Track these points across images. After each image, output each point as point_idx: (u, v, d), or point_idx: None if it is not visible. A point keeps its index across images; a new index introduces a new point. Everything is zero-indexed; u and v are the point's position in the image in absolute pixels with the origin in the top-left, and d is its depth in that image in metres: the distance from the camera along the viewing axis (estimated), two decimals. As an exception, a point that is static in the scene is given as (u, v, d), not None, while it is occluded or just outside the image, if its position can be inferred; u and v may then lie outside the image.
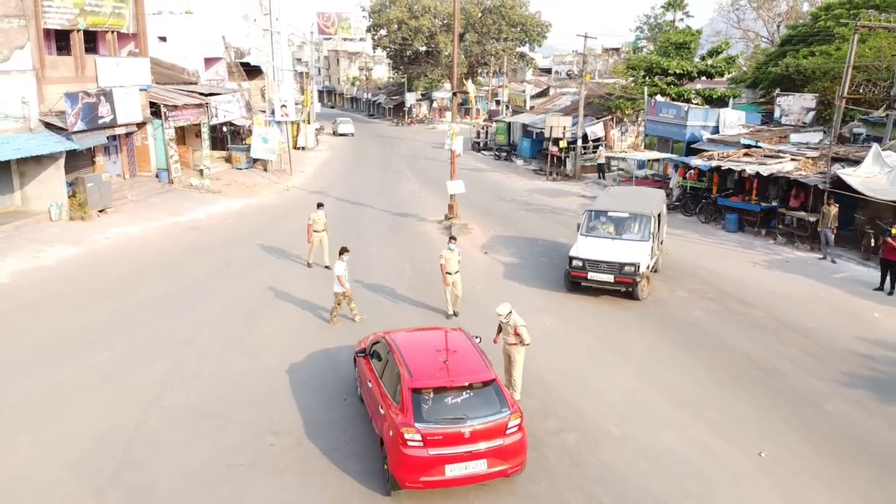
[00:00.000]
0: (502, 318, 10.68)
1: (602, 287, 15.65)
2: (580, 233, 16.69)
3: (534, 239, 21.78)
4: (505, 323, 10.69)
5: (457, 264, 14.22)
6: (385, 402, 8.68)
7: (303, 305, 15.07)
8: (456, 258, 14.22)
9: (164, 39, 33.42)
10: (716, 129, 29.67)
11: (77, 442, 9.45)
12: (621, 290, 15.56)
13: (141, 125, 26.85)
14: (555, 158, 37.16)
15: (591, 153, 37.72)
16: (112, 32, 25.42)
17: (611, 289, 15.65)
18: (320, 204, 18.25)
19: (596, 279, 15.52)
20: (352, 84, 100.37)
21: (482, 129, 52.75)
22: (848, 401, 11.10)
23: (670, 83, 36.95)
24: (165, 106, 27.69)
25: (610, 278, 15.38)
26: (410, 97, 76.68)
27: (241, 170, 34.66)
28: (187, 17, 34.42)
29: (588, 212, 17.20)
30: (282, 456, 9.25)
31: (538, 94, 60.61)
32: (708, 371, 12.16)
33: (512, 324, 10.57)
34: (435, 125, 70.12)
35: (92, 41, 25.26)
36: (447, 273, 14.17)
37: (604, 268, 15.40)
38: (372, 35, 77.40)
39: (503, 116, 54.18)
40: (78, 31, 23.35)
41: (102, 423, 9.93)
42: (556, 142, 36.59)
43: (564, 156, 37.18)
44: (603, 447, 9.60)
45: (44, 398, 10.65)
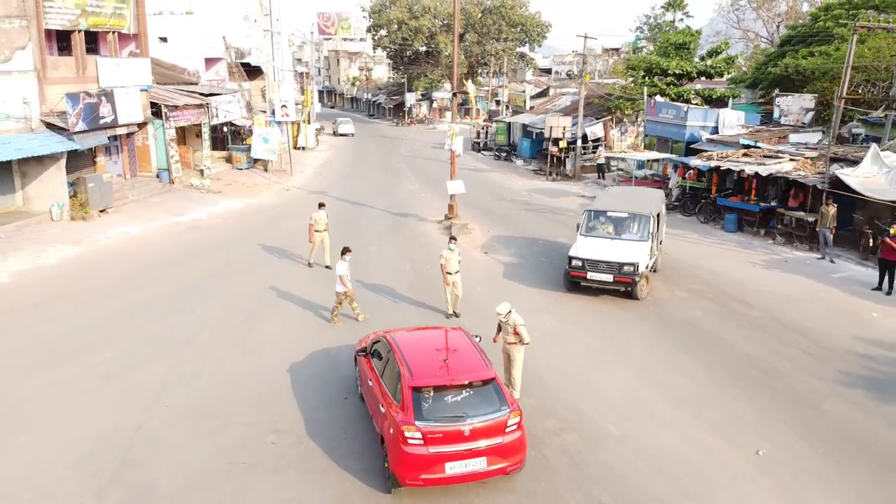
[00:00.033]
0: (502, 318, 10.73)
1: (601, 287, 15.70)
2: (579, 233, 16.74)
3: (533, 239, 21.82)
4: (504, 322, 10.74)
5: (457, 264, 14.27)
6: (386, 401, 8.73)
7: (303, 305, 15.12)
8: (456, 258, 14.26)
9: (164, 40, 33.47)
10: (715, 130, 29.72)
11: (78, 442, 9.48)
12: (620, 289, 15.61)
13: (142, 125, 26.92)
14: (554, 158, 37.22)
15: (591, 153, 37.80)
16: (113, 33, 25.47)
17: (610, 288, 15.70)
18: (322, 204, 18.31)
19: (595, 279, 15.57)
20: (352, 84, 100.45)
21: (482, 129, 52.76)
22: (846, 400, 11.14)
23: (670, 83, 36.98)
24: (166, 106, 27.75)
25: (609, 278, 15.43)
26: (410, 97, 76.73)
27: (241, 170, 34.74)
28: (188, 17, 34.46)
29: (587, 212, 17.25)
30: (283, 454, 9.30)
31: (538, 94, 60.66)
32: (707, 371, 12.20)
33: (511, 323, 10.61)
34: (435, 125, 70.15)
35: (93, 42, 25.32)
36: (447, 273, 14.22)
37: (603, 267, 15.45)
38: (372, 35, 77.51)
39: (503, 116, 54.21)
40: (79, 31, 23.40)
41: (103, 422, 9.97)
42: (556, 142, 36.65)
43: (564, 156, 37.24)
44: (602, 447, 9.64)
45: (45, 398, 10.68)
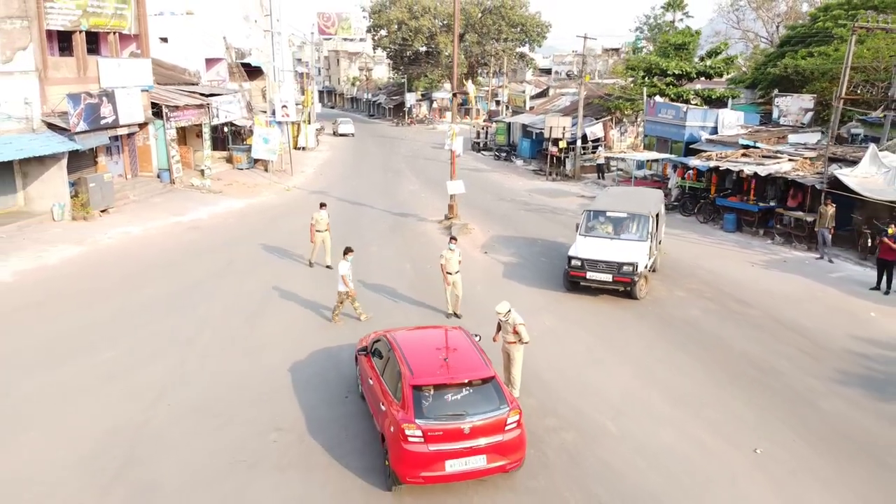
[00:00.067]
0: (501, 317, 10.79)
1: (601, 286, 15.77)
2: (579, 233, 16.82)
3: (533, 239, 21.89)
4: (504, 321, 10.80)
5: (457, 264, 14.33)
6: (386, 399, 8.80)
7: (305, 305, 15.19)
8: (456, 258, 14.32)
9: (165, 40, 33.54)
10: (714, 130, 29.78)
11: (81, 440, 9.54)
12: (620, 289, 15.68)
13: (143, 126, 26.99)
14: (554, 159, 37.30)
15: (591, 153, 37.87)
16: (114, 33, 25.54)
17: (609, 288, 15.77)
18: (323, 204, 18.39)
19: (594, 279, 15.64)
20: (352, 84, 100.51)
21: (482, 129, 52.81)
22: (844, 399, 11.21)
23: (669, 84, 37.04)
24: (167, 106, 27.82)
25: (608, 278, 15.50)
26: (410, 97, 76.77)
27: (242, 170, 34.83)
28: (188, 18, 34.51)
29: (587, 212, 17.33)
30: (284, 452, 9.37)
31: (538, 94, 60.72)
32: (705, 370, 12.27)
33: (511, 322, 10.67)
34: (435, 125, 70.19)
35: (94, 42, 25.41)
36: (447, 273, 14.29)
37: (602, 267, 15.52)
38: (372, 35, 77.59)
39: (503, 117, 54.28)
40: (80, 32, 23.47)
41: (106, 421, 10.03)
42: (556, 142, 36.72)
43: (564, 156, 37.32)
44: (601, 445, 9.70)
45: (47, 397, 10.74)
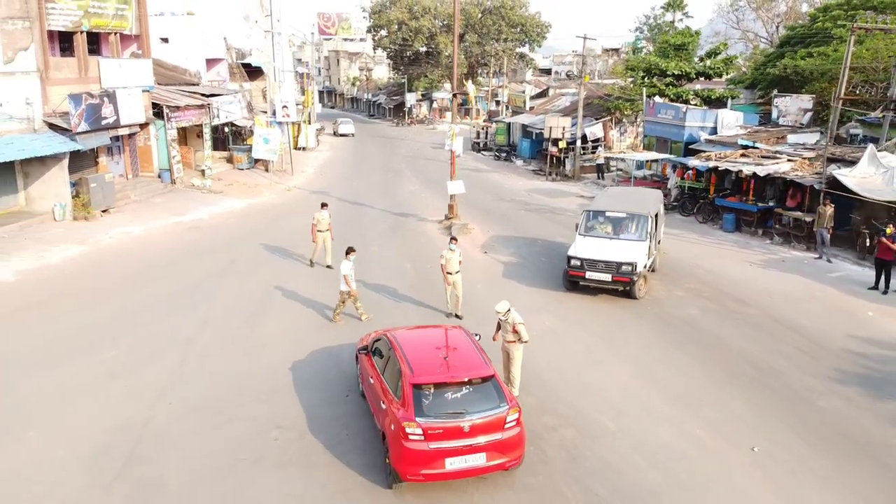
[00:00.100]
0: (501, 316, 10.86)
1: (600, 286, 15.84)
2: (578, 232, 16.89)
3: (533, 239, 21.96)
4: (503, 321, 10.87)
5: (458, 265, 14.38)
6: (387, 398, 8.87)
7: (305, 304, 15.26)
8: (457, 258, 14.38)
9: (165, 41, 33.63)
10: (714, 130, 29.84)
11: (85, 438, 9.62)
12: (619, 289, 15.74)
13: (143, 126, 27.07)
14: (554, 159, 37.37)
15: (591, 154, 37.94)
16: (115, 34, 25.63)
17: (608, 288, 15.84)
18: (324, 204, 18.46)
19: (594, 278, 15.71)
20: (352, 84, 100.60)
21: (482, 129, 52.87)
22: (842, 398, 11.27)
23: (669, 84, 37.10)
24: (168, 107, 27.90)
25: (607, 277, 15.57)
26: (410, 98, 76.85)
27: (242, 170, 34.91)
28: (189, 18, 34.58)
29: (586, 212, 17.40)
30: (286, 450, 9.45)
31: (538, 94, 60.77)
32: (704, 369, 12.33)
33: (510, 321, 10.74)
34: (435, 125, 70.24)
35: (95, 43, 25.49)
36: (448, 273, 14.36)
37: (601, 267, 15.59)
38: (372, 36, 77.68)
39: (503, 117, 54.34)
40: (81, 32, 23.55)
41: (109, 419, 10.11)
42: (556, 142, 36.79)
43: (564, 156, 37.38)
44: (600, 442, 9.78)
45: (51, 395, 10.82)
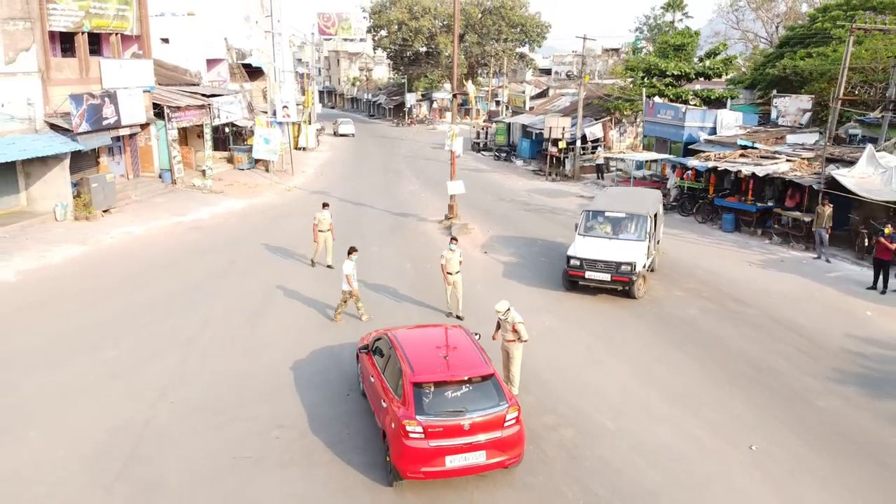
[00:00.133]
0: (500, 315, 10.91)
1: (599, 286, 15.90)
2: (578, 232, 16.94)
3: (533, 239, 22.01)
4: (503, 320, 10.92)
5: (458, 265, 14.43)
6: (387, 396, 8.93)
7: (306, 304, 15.31)
8: (457, 259, 14.43)
9: (166, 41, 33.69)
10: (713, 130, 29.90)
11: (86, 438, 9.66)
12: (618, 288, 15.80)
13: (144, 126, 27.13)
14: (554, 159, 37.42)
15: (590, 154, 38.00)
16: (116, 34, 25.69)
17: (608, 287, 15.89)
18: (325, 204, 18.51)
19: (593, 278, 15.77)
20: (352, 84, 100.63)
21: (482, 129, 52.91)
22: (841, 397, 11.32)
23: (668, 84, 37.17)
24: (168, 107, 27.96)
25: (607, 277, 15.62)
26: (410, 98, 76.89)
27: (243, 170, 34.97)
28: (189, 18, 34.66)
29: (586, 212, 17.46)
30: (287, 449, 9.50)
31: (538, 94, 60.82)
32: (703, 369, 12.38)
33: (510, 321, 10.79)
34: (435, 126, 70.29)
35: (96, 43, 25.56)
36: (448, 273, 14.41)
37: (601, 267, 15.64)
38: (372, 36, 77.73)
39: (503, 117, 54.39)
40: (83, 33, 23.62)
41: (110, 419, 10.15)
42: (556, 142, 36.84)
43: (563, 156, 37.43)
44: (599, 442, 9.82)
45: (52, 395, 10.86)
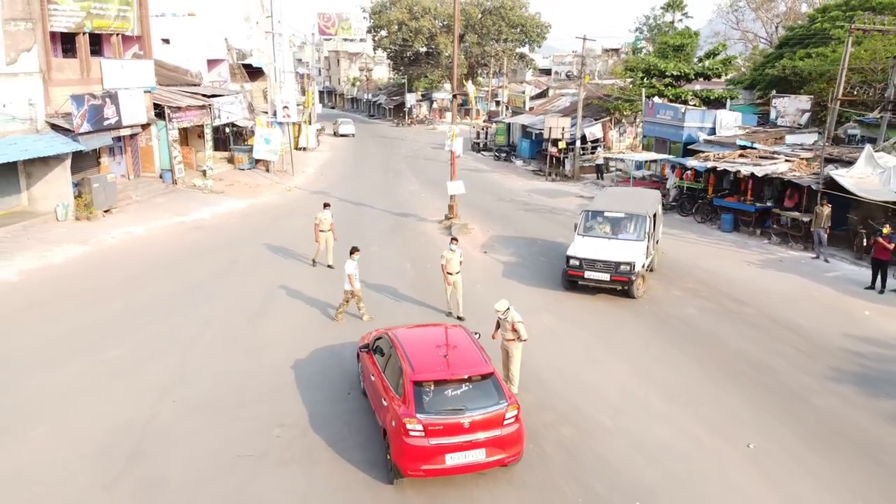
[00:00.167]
0: (500, 315, 10.96)
1: (598, 286, 15.97)
2: (577, 232, 17.02)
3: (533, 239, 22.08)
4: (503, 319, 10.98)
5: (458, 265, 14.48)
6: (388, 395, 9.00)
7: (307, 304, 15.38)
8: (457, 259, 14.48)
9: (167, 41, 33.76)
10: (712, 131, 29.97)
11: (88, 437, 9.72)
12: (617, 288, 15.87)
13: (145, 126, 27.20)
14: (554, 159, 37.49)
15: (590, 154, 38.07)
16: (117, 35, 25.76)
17: (607, 287, 15.96)
18: (326, 204, 18.56)
19: (592, 278, 15.84)
20: (352, 85, 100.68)
21: (482, 129, 52.97)
22: (838, 396, 11.38)
23: (668, 85, 37.24)
24: (169, 107, 28.03)
25: (606, 277, 15.69)
26: (411, 98, 76.93)
27: (243, 170, 35.04)
28: (190, 19, 34.73)
29: (585, 212, 17.53)
30: (288, 447, 9.57)
31: (537, 94, 60.91)
32: (702, 368, 12.45)
33: (510, 320, 10.85)
34: (435, 126, 70.33)
35: (97, 44, 25.63)
36: (448, 273, 14.47)
37: (600, 267, 15.71)
38: (372, 36, 77.79)
39: (503, 117, 54.47)
40: (84, 33, 23.69)
41: (112, 418, 10.21)
42: (555, 143, 36.92)
43: (563, 156, 37.50)
44: (598, 440, 9.90)
45: (53, 395, 10.92)
